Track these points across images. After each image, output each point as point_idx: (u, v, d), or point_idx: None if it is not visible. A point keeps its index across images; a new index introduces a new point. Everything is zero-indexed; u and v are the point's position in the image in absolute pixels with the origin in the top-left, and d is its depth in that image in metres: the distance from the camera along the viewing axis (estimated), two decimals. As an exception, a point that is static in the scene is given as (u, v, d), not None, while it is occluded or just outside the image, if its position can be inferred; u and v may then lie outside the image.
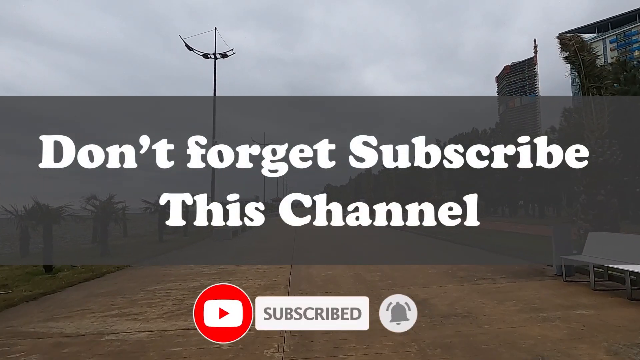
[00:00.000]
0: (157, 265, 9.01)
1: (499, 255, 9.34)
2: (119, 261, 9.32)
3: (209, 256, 10.82)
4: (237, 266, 8.62)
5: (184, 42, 21.61)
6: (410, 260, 8.99)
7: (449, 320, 4.26)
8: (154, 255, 10.94)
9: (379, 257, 9.77)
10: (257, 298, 2.91)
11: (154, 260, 10.08)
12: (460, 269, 7.53)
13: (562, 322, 4.09)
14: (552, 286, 5.83)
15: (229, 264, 8.94)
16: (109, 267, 8.63)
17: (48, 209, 8.41)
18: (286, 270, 7.89)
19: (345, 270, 7.62)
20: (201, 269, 8.39)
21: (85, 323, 4.50)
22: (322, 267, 8.06)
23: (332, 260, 9.14)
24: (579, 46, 8.65)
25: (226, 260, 9.57)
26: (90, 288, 6.63)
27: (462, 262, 8.34)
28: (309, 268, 8.03)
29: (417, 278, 6.70)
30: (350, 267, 8.01)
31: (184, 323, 4.37)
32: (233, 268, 8.36)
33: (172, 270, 8.23)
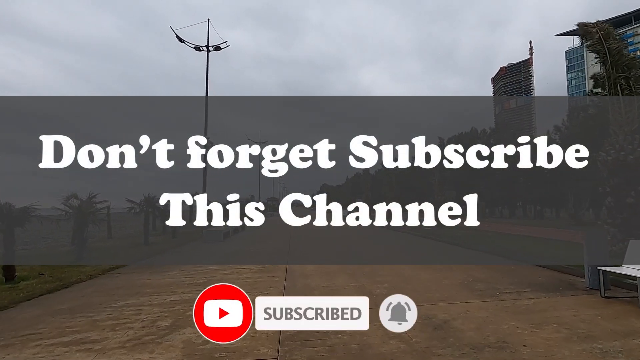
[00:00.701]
0: (135, 273, 8.05)
1: (515, 262, 8.52)
2: (90, 269, 8.33)
3: (196, 262, 9.87)
4: (225, 274, 7.70)
5: (175, 33, 20.59)
6: (419, 269, 8.13)
7: (484, 354, 3.39)
8: (136, 260, 9.98)
9: (385, 264, 8.90)
10: (257, 298, 2.95)
11: (135, 266, 9.12)
12: (476, 279, 6.69)
13: (627, 359, 3.25)
14: (592, 304, 4.99)
15: (217, 272, 8.02)
16: (82, 273, 7.67)
17: (10, 208, 7.42)
18: (280, 279, 6.99)
19: (347, 280, 6.73)
20: (184, 277, 7.45)
21: (24, 356, 3.56)
22: (321, 277, 7.17)
23: (332, 268, 8.27)
24: (604, 33, 7.85)
25: (213, 267, 8.63)
26: (49, 303, 5.67)
27: (476, 270, 7.50)
28: (306, 278, 7.14)
29: (430, 291, 5.83)
30: (353, 276, 7.13)
31: (149, 357, 3.45)
32: (221, 276, 7.44)
33: (151, 279, 7.28)
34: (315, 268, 8.22)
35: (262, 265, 8.68)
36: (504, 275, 7.02)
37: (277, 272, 7.73)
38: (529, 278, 6.71)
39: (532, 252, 9.73)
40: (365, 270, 7.80)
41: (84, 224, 10.43)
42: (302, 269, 8.17)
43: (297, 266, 8.51)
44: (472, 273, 7.23)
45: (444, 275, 7.04)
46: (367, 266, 8.32)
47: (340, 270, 7.79)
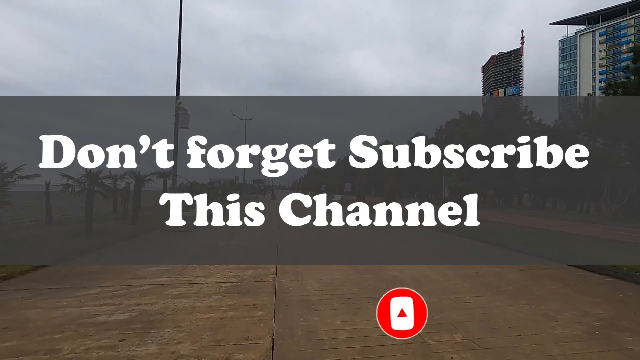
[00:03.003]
0: (25, 290, 4.94)
1: (580, 271, 5.92)
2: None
3: (146, 261, 6.83)
4: (176, 297, 4.72)
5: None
6: (466, 287, 5.39)
7: None
8: (62, 258, 6.86)
9: (426, 278, 6.13)
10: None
11: (49, 272, 6.01)
12: (555, 301, 4.00)
13: None
14: None
15: (162, 290, 5.02)
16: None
17: None
18: (266, 313, 4.09)
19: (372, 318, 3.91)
20: (103, 300, 4.44)
21: None
22: (333, 307, 4.32)
23: (346, 284, 5.44)
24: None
25: (162, 281, 5.62)
26: None
27: (543, 290, 4.83)
28: (308, 309, 4.25)
29: (518, 342, 3.07)
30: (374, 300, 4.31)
31: None
32: (164, 304, 4.46)
33: (36, 309, 4.22)
34: (319, 285, 5.37)
35: (239, 279, 5.75)
36: (591, 297, 4.36)
37: (261, 296, 4.82)
38: (618, 294, 4.07)
39: (591, 256, 7.15)
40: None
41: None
42: (300, 287, 5.30)
43: (292, 281, 5.63)
44: (541, 293, 4.54)
45: (508, 298, 4.32)
46: (395, 278, 5.52)
47: (360, 288, 4.97)
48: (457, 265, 6.84)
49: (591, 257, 7.26)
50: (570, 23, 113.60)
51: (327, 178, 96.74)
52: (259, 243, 9.56)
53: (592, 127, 21.62)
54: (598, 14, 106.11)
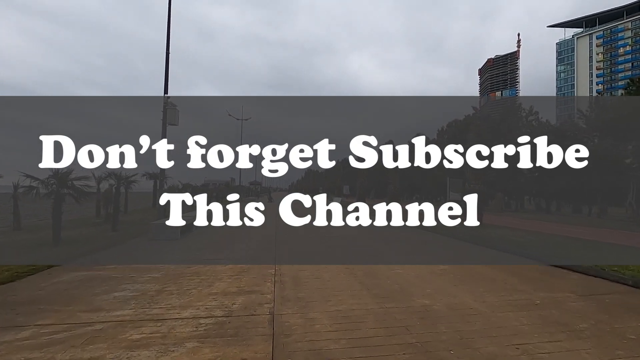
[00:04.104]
0: None
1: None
2: None
3: (108, 285, 5.47)
4: (132, 349, 3.39)
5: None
6: (526, 323, 4.11)
7: None
8: (4, 279, 5.48)
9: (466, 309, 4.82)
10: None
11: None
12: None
13: None
14: None
15: (122, 333, 3.68)
16: None
17: None
18: (262, 353, 2.78)
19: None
20: (28, 353, 3.08)
21: None
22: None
23: (360, 312, 4.13)
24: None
25: (131, 306, 4.26)
26: None
27: (631, 329, 3.58)
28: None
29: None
30: (426, 353, 3.01)
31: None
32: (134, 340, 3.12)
33: None
34: (331, 321, 4.04)
35: (226, 311, 4.39)
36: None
37: (253, 342, 3.48)
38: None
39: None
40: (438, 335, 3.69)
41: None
42: (307, 325, 3.97)
43: (295, 315, 4.30)
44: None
45: (582, 344, 3.05)
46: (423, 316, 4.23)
47: (387, 327, 3.67)
48: (498, 289, 5.53)
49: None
50: (567, 26, 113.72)
51: (325, 179, 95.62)
52: (255, 253, 8.20)
53: (606, 127, 20.52)
54: (595, 17, 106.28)
